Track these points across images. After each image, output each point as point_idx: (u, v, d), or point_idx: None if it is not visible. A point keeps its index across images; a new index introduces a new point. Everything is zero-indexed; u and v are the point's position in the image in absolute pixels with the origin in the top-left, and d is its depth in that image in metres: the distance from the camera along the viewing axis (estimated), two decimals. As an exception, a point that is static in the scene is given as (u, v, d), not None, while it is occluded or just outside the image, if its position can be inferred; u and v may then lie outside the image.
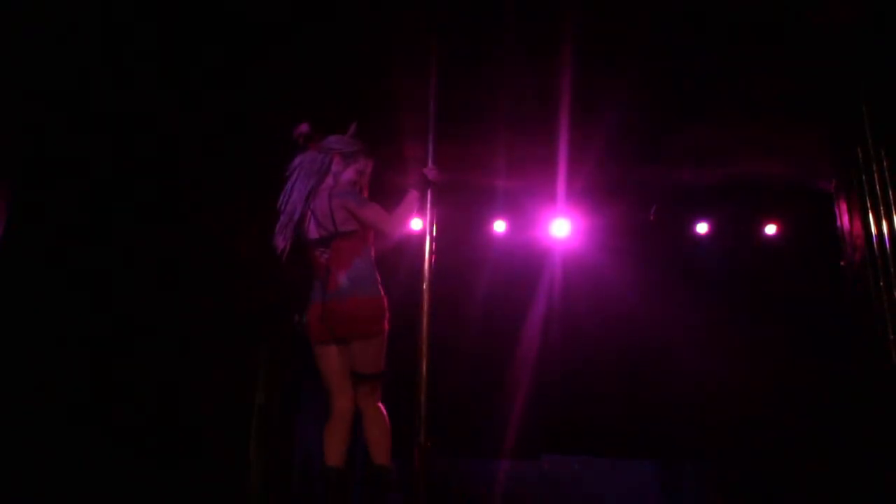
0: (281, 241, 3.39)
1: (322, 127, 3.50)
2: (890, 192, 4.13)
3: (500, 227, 7.15)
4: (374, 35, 4.55)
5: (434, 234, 3.65)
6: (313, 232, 3.37)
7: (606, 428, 7.06)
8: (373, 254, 3.44)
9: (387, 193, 3.74)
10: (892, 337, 4.06)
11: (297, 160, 3.45)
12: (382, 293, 3.38)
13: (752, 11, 4.27)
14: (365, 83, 4.86)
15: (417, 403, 3.45)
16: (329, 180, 3.42)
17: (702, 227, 7.06)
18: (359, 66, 4.78)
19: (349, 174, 3.45)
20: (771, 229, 7.01)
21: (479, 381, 7.05)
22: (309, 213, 3.38)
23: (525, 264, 7.31)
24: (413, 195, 3.47)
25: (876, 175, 4.21)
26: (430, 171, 3.56)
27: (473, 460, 6.98)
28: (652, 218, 7.00)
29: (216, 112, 4.66)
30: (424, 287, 3.79)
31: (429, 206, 3.63)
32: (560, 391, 7.17)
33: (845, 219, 5.14)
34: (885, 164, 4.15)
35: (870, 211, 4.30)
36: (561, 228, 6.92)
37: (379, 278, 3.40)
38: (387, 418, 3.41)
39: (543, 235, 7.09)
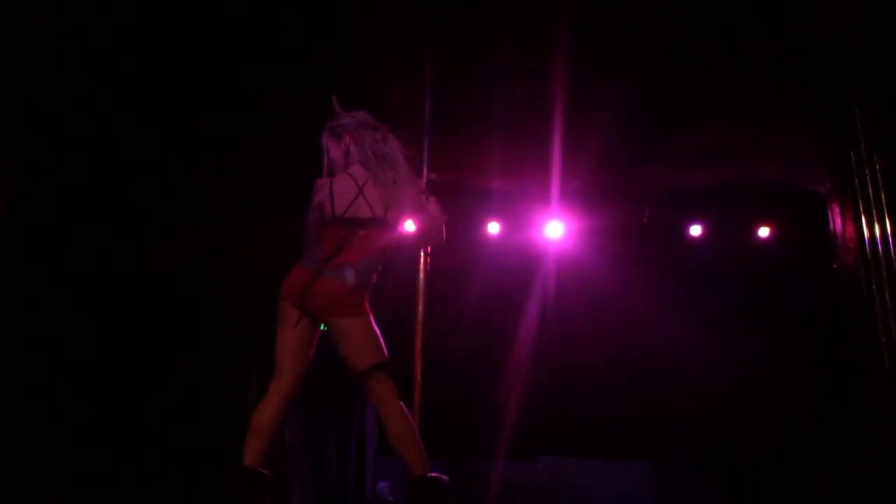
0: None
1: (319, 131, 3.49)
2: (883, 196, 4.16)
3: (493, 228, 7.16)
4: (370, 39, 4.56)
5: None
6: (361, 211, 3.13)
7: (601, 429, 7.07)
8: (386, 256, 3.23)
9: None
10: (884, 339, 4.09)
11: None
12: (365, 294, 3.11)
13: (747, 15, 4.29)
14: (360, 87, 4.87)
15: (412, 404, 3.46)
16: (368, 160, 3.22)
17: (695, 230, 7.09)
18: (355, 71, 4.79)
19: (344, 149, 3.28)
20: (764, 232, 7.03)
21: (474, 383, 7.06)
22: (356, 191, 3.14)
23: (519, 266, 7.32)
24: (435, 202, 3.35)
25: (869, 178, 4.24)
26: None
27: (468, 461, 6.97)
28: (645, 220, 7.02)
29: (216, 116, 4.66)
30: (419, 289, 3.81)
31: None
32: (555, 392, 7.18)
33: (838, 221, 5.18)
34: (877, 167, 4.19)
35: (862, 214, 4.33)
36: (555, 230, 6.93)
37: (373, 282, 3.17)
38: (409, 418, 3.07)
39: (537, 237, 7.10)
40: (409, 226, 3.51)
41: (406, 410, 3.07)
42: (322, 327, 3.18)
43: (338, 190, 3.16)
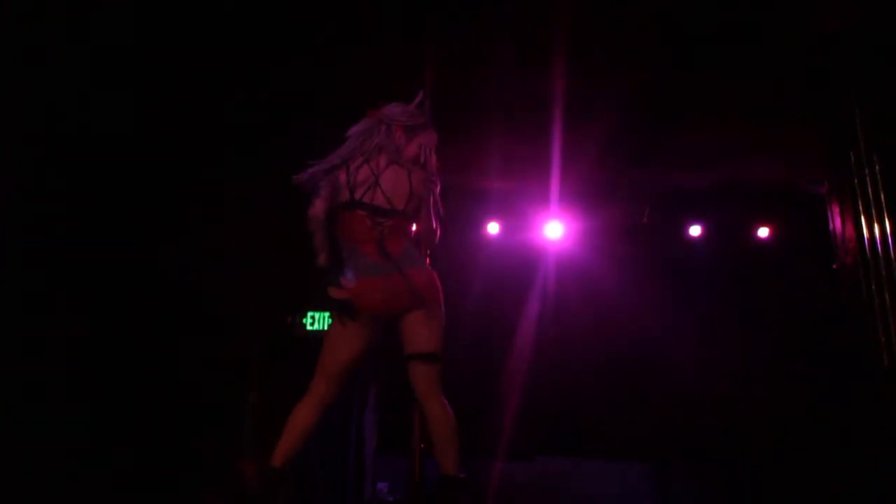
0: (320, 204, 3.08)
1: (318, 131, 3.48)
2: (882, 196, 4.16)
3: (493, 228, 7.15)
4: (370, 39, 4.56)
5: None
6: (378, 200, 3.10)
7: (601, 429, 7.07)
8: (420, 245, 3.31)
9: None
10: (883, 339, 4.09)
11: (356, 128, 3.22)
12: None
13: (747, 15, 4.29)
14: (361, 87, 4.87)
15: (411, 406, 3.45)
16: (390, 153, 3.17)
17: (695, 230, 7.09)
18: (355, 71, 4.79)
19: (412, 149, 3.22)
20: (763, 232, 7.04)
21: (473, 383, 7.05)
22: (372, 179, 3.11)
23: (518, 266, 7.32)
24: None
25: (868, 178, 4.24)
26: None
27: (468, 461, 6.97)
28: (645, 220, 7.02)
29: (213, 120, 4.67)
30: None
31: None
32: (554, 392, 7.18)
33: (837, 222, 5.18)
34: (877, 167, 4.19)
35: (862, 214, 4.32)
36: (554, 230, 6.93)
37: None
38: (453, 416, 3.07)
39: (537, 237, 7.10)
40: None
41: (451, 409, 3.06)
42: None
43: (353, 171, 3.12)
